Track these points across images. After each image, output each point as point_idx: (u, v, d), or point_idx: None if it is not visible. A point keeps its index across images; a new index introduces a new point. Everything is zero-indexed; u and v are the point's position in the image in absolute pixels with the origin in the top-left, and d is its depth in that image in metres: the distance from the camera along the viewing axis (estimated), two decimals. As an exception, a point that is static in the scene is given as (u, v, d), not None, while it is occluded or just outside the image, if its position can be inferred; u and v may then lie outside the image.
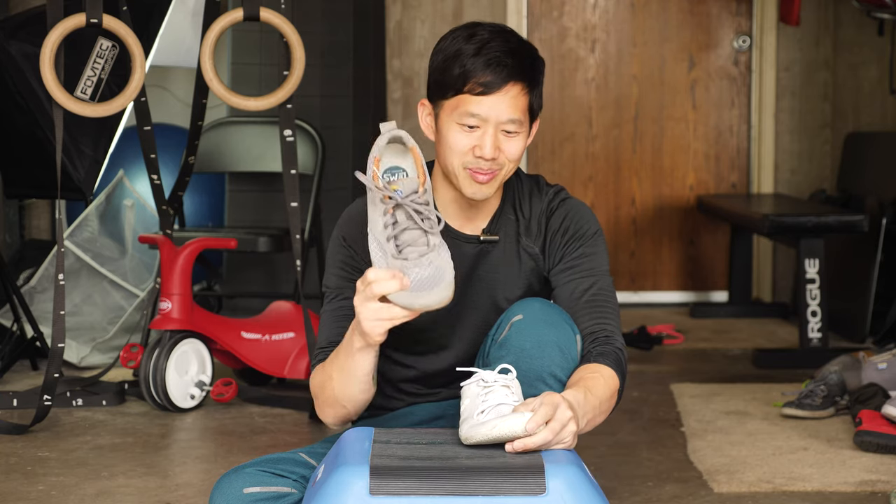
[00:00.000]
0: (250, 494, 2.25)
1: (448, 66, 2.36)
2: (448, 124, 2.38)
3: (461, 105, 2.35)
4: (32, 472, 3.22)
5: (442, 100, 2.39)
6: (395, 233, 2.20)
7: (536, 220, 2.50)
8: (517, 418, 2.07)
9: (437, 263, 2.17)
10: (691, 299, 6.18)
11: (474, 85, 2.34)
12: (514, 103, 2.35)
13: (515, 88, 2.35)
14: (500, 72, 2.34)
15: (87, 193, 4.16)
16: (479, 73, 2.34)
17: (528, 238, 2.49)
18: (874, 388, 3.68)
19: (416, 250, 2.18)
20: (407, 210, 2.21)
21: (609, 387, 2.31)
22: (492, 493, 1.99)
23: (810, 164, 6.10)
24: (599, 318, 2.42)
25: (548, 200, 2.51)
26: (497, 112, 2.35)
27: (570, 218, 2.49)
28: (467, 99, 2.35)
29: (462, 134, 2.36)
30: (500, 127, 2.36)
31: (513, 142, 2.38)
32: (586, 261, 2.46)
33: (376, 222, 2.22)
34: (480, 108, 2.34)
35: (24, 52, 3.95)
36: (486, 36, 2.38)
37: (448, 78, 2.36)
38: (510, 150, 2.38)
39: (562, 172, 6.13)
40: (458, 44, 2.38)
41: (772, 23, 6.04)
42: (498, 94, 2.34)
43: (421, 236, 2.19)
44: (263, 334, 4.06)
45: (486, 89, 2.34)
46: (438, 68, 2.39)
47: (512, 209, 2.50)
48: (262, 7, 3.73)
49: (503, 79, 2.34)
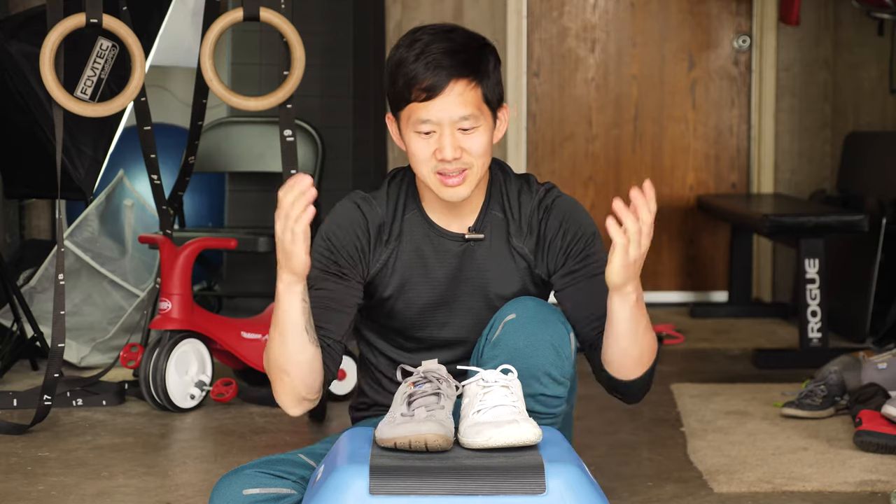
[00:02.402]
0: (250, 496, 2.25)
1: (395, 77, 2.38)
2: (408, 135, 2.39)
3: (413, 113, 2.37)
4: (32, 472, 3.22)
5: (399, 111, 2.41)
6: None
7: (527, 220, 2.50)
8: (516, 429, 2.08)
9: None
10: (691, 299, 6.18)
11: (418, 91, 2.35)
12: (462, 100, 2.35)
13: (459, 85, 2.35)
14: (439, 73, 2.34)
15: (87, 193, 4.16)
16: (420, 78, 2.34)
17: (519, 238, 2.49)
18: (874, 388, 3.68)
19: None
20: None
21: (652, 335, 2.35)
22: (492, 493, 1.99)
23: (810, 164, 6.10)
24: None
25: (538, 199, 2.51)
26: (447, 113, 2.35)
27: (568, 220, 2.49)
28: (416, 107, 2.36)
29: (422, 141, 2.37)
30: (455, 126, 2.36)
31: (473, 137, 2.38)
32: (591, 262, 2.47)
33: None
34: (430, 113, 2.35)
35: (24, 52, 3.95)
36: (426, 39, 2.37)
37: (396, 89, 2.38)
38: (473, 147, 2.38)
39: (562, 172, 6.13)
40: (401, 52, 2.39)
41: (772, 23, 6.04)
42: (442, 96, 2.34)
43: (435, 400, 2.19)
44: (263, 334, 4.06)
45: (430, 93, 2.34)
46: (388, 81, 2.41)
47: (499, 207, 2.50)
48: (262, 7, 3.73)
49: (444, 79, 2.34)
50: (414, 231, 2.49)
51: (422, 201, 2.50)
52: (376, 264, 2.47)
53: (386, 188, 2.52)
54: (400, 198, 2.51)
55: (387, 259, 2.48)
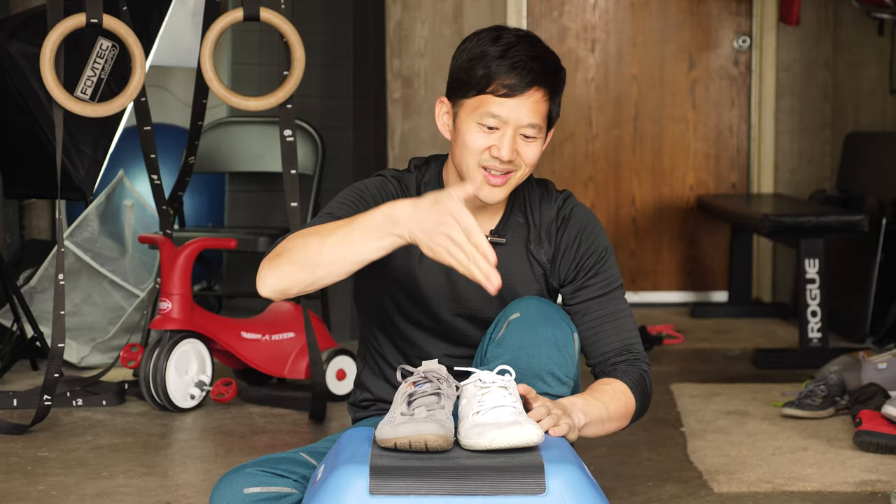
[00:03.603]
0: (251, 495, 2.25)
1: (472, 66, 2.38)
2: (467, 123, 2.39)
3: (483, 105, 2.37)
4: (32, 472, 3.22)
5: (463, 98, 2.40)
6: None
7: (546, 229, 2.52)
8: (519, 430, 2.08)
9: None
10: (691, 299, 6.18)
11: (498, 86, 2.35)
12: (536, 108, 2.37)
13: (538, 94, 2.37)
14: (524, 76, 2.35)
15: (87, 193, 4.16)
16: (503, 75, 2.35)
17: (538, 246, 2.51)
18: (874, 388, 3.68)
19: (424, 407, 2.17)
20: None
21: (619, 400, 2.40)
22: (492, 493, 1.99)
23: (810, 164, 6.10)
24: (622, 333, 2.49)
25: (557, 208, 2.53)
26: (518, 115, 2.36)
27: (583, 233, 2.52)
28: (490, 100, 2.36)
29: (481, 134, 2.38)
30: (520, 130, 2.37)
31: (530, 146, 2.39)
32: (602, 278, 2.51)
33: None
34: (502, 110, 2.36)
35: (24, 52, 3.95)
36: (512, 39, 2.39)
37: (472, 78, 2.37)
38: (527, 154, 2.39)
39: (562, 172, 6.13)
40: (484, 45, 2.39)
41: (772, 23, 6.04)
42: (520, 98, 2.36)
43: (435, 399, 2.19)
44: (263, 334, 4.06)
45: (510, 92, 2.35)
46: (462, 67, 2.40)
47: (521, 213, 2.52)
48: (262, 7, 3.73)
49: (527, 83, 2.36)
50: None
51: None
52: None
53: (416, 174, 2.52)
54: (429, 185, 2.50)
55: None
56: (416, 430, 2.06)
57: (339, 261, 2.14)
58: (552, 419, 2.19)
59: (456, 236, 2.04)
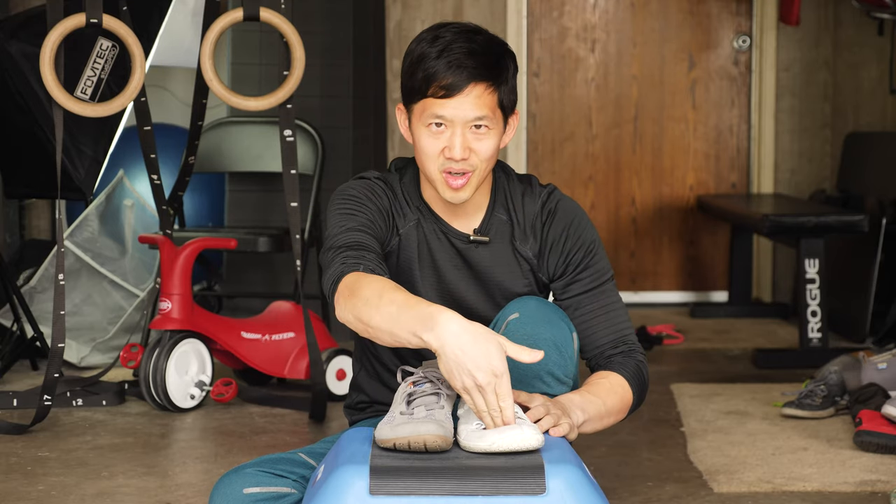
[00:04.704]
0: (250, 495, 2.25)
1: (414, 70, 2.39)
2: (418, 128, 2.40)
3: (427, 108, 2.37)
4: (32, 472, 3.22)
5: (412, 104, 2.42)
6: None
7: (531, 224, 2.51)
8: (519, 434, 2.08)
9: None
10: (691, 299, 6.18)
11: (437, 88, 2.36)
12: (479, 102, 2.36)
13: (478, 88, 2.36)
14: (460, 73, 2.35)
15: (87, 193, 4.16)
16: (440, 75, 2.35)
17: (523, 242, 2.51)
18: (874, 388, 3.68)
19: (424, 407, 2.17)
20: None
21: (616, 394, 2.40)
22: (492, 493, 1.99)
23: (810, 164, 6.10)
24: (615, 325, 2.49)
25: (542, 203, 2.52)
26: (462, 113, 2.36)
27: (570, 227, 2.51)
28: (432, 102, 2.37)
29: (431, 137, 2.38)
30: (468, 125, 2.37)
31: (483, 140, 2.39)
32: (592, 271, 2.51)
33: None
34: (445, 111, 2.36)
35: (24, 52, 3.95)
36: (449, 37, 2.38)
37: (414, 82, 2.39)
38: (481, 149, 2.39)
39: (562, 172, 6.13)
40: (423, 47, 2.40)
41: (772, 23, 6.04)
42: (460, 96, 2.36)
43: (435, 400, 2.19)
44: (263, 334, 4.06)
45: (449, 92, 2.35)
46: (406, 73, 2.42)
47: (504, 210, 2.52)
48: (262, 7, 3.73)
49: (465, 80, 2.35)
50: (423, 218, 2.49)
51: (425, 199, 2.51)
52: (396, 227, 2.48)
53: (398, 176, 2.53)
54: (408, 187, 2.51)
55: (405, 229, 2.48)
56: (415, 430, 2.06)
57: (385, 338, 2.16)
58: (552, 419, 2.19)
59: (482, 382, 2.05)
